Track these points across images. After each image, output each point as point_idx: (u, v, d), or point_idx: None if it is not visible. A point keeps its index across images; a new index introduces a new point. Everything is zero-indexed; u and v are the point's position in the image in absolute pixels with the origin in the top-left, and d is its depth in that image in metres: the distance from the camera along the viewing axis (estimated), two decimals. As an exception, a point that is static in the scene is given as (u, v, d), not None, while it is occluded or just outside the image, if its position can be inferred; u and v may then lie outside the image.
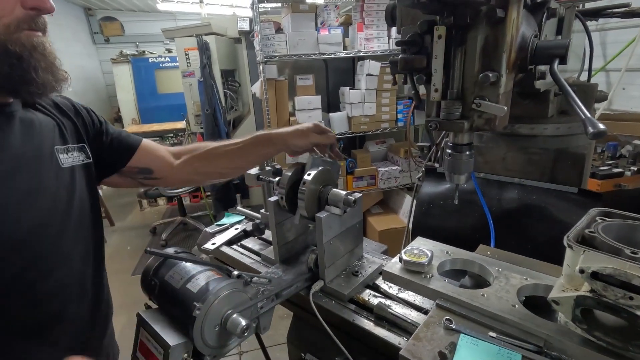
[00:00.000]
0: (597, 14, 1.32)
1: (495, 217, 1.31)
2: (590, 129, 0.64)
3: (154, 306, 0.94)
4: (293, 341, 1.10)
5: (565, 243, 0.59)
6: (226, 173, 1.29)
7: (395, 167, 3.51)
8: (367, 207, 3.79)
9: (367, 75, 3.17)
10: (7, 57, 0.72)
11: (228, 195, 4.17)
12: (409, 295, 0.97)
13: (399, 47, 0.89)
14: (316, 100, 3.24)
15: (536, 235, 1.31)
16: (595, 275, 0.53)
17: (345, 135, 3.41)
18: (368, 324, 0.90)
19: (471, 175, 1.36)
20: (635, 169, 2.29)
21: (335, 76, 3.86)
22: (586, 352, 0.59)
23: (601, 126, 0.64)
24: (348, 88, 3.32)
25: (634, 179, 2.26)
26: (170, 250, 1.00)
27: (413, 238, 1.06)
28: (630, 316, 0.50)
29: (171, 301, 0.90)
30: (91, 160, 1.00)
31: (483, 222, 1.32)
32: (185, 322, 0.81)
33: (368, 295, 1.00)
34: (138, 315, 0.90)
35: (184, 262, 0.94)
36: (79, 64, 6.86)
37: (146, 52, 6.88)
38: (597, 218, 0.65)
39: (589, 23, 1.36)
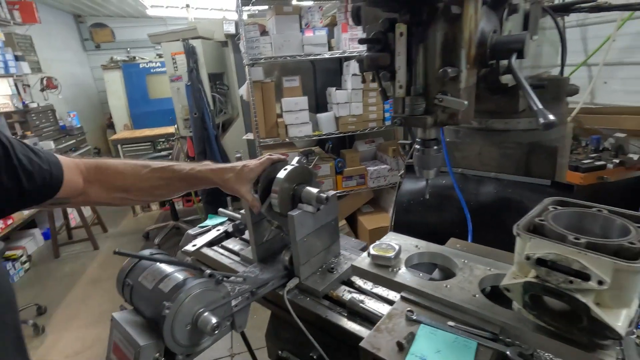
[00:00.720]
0: (567, 9, 1.34)
1: (473, 211, 1.33)
2: (541, 120, 0.66)
3: (130, 308, 0.95)
4: (270, 339, 1.11)
5: (514, 232, 0.60)
6: (142, 201, 1.18)
7: (384, 166, 3.53)
8: (358, 207, 3.80)
9: (353, 75, 3.19)
10: None
11: (219, 199, 4.16)
12: (382, 290, 0.98)
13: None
14: (303, 101, 3.26)
15: (513, 227, 1.34)
16: (540, 262, 0.54)
17: (333, 136, 3.42)
18: (341, 319, 0.92)
19: (448, 171, 1.38)
20: (617, 161, 2.32)
21: (323, 77, 3.88)
22: (538, 337, 0.61)
23: (551, 117, 0.65)
24: (334, 88, 3.34)
25: (617, 172, 2.29)
26: (146, 252, 1.01)
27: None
28: (571, 300, 0.51)
29: (144, 302, 0.91)
30: None
31: (462, 217, 1.34)
32: (156, 321, 0.82)
33: (343, 291, 1.01)
34: (112, 317, 0.90)
35: (158, 263, 0.95)
36: (69, 71, 6.86)
37: (137, 58, 6.88)
38: (550, 207, 0.66)
39: (570, 18, 1.38)
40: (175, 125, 4.62)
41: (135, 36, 7.75)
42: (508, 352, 0.60)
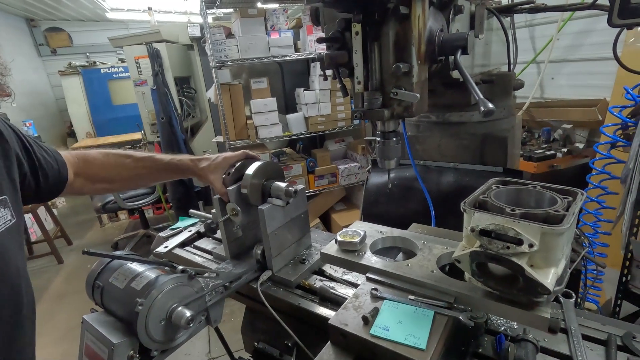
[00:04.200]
0: (509, 10, 1.46)
1: (435, 199, 1.41)
2: (482, 108, 0.73)
3: (101, 310, 0.95)
4: (246, 332, 1.13)
5: (461, 208, 0.67)
6: (123, 189, 1.25)
7: (355, 164, 3.62)
8: (331, 205, 3.87)
9: (320, 76, 3.25)
10: None
11: (190, 203, 4.11)
12: (352, 277, 1.04)
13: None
14: (272, 102, 3.28)
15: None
16: (483, 232, 0.61)
17: (303, 136, 3.47)
18: (313, 306, 0.96)
19: (411, 163, 1.46)
20: (566, 150, 2.51)
21: (291, 78, 3.93)
22: (487, 302, 0.68)
23: (490, 105, 0.73)
24: (303, 89, 3.39)
25: (565, 160, 2.49)
26: (116, 254, 1.01)
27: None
28: (509, 263, 0.58)
29: (116, 302, 0.91)
30: (15, 219, 0.83)
31: (425, 206, 1.42)
32: (129, 319, 0.83)
33: (314, 280, 1.06)
34: (83, 319, 0.90)
35: (128, 263, 0.96)
36: (23, 78, 6.49)
37: (97, 63, 6.62)
38: (493, 186, 0.74)
39: (519, 18, 1.49)
40: (142, 131, 4.50)
41: (94, 40, 7.46)
42: (461, 317, 0.66)
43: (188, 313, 0.84)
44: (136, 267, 0.93)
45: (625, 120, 1.65)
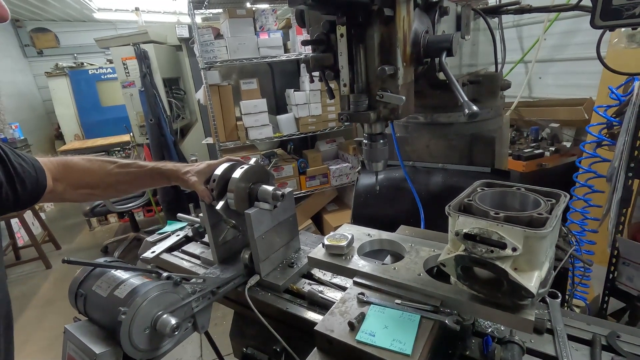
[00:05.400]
0: (495, 11, 1.47)
1: (424, 200, 1.41)
2: (467, 110, 0.73)
3: (84, 319, 0.93)
4: (235, 338, 1.12)
5: (446, 211, 0.67)
6: (107, 196, 1.22)
7: (346, 164, 3.62)
8: (323, 205, 3.86)
9: (308, 77, 3.24)
10: None
11: (180, 206, 4.06)
12: (340, 280, 1.03)
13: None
14: (262, 103, 3.27)
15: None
16: (467, 236, 0.61)
17: (294, 137, 3.46)
18: (301, 310, 0.95)
19: (400, 164, 1.46)
20: (554, 149, 2.54)
21: (281, 79, 3.91)
22: (473, 305, 0.68)
23: (475, 108, 0.73)
24: (293, 90, 3.38)
25: (553, 159, 2.52)
26: (100, 260, 0.99)
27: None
28: (493, 267, 0.58)
29: (99, 310, 0.89)
30: None
31: (415, 206, 1.42)
32: (113, 328, 0.81)
33: (303, 284, 1.05)
34: (65, 329, 0.88)
35: (112, 270, 0.94)
36: (9, 80, 6.37)
37: (85, 64, 6.52)
38: (478, 188, 0.74)
39: (506, 19, 1.49)
40: (131, 133, 4.44)
41: (81, 41, 7.34)
42: (447, 321, 0.66)
43: (173, 321, 0.82)
44: (120, 274, 0.92)
45: (610, 120, 1.67)
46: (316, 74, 1.05)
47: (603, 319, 1.84)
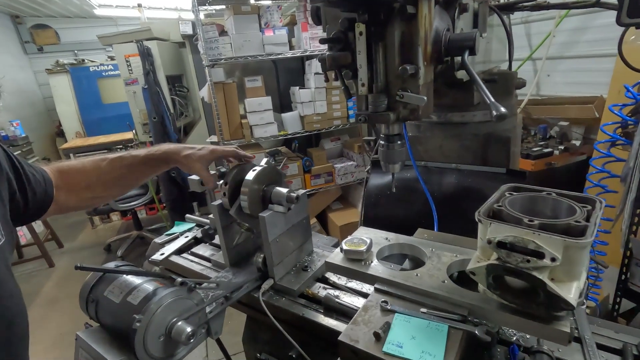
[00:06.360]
0: (511, 7, 1.43)
1: (438, 201, 1.38)
2: (494, 112, 0.70)
3: (96, 325, 0.91)
4: (248, 342, 1.10)
5: (476, 218, 0.64)
6: (110, 196, 1.18)
7: (351, 163, 3.59)
8: (327, 204, 3.84)
9: (315, 74, 3.21)
10: None
11: (184, 204, 4.04)
12: (356, 284, 1.01)
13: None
14: (266, 101, 3.23)
15: (475, 214, 1.41)
16: (500, 244, 0.58)
17: (299, 135, 3.43)
18: (317, 316, 0.93)
19: (412, 164, 1.44)
20: (563, 148, 2.51)
21: (286, 76, 3.87)
22: (503, 315, 0.65)
23: (502, 109, 0.70)
24: (298, 87, 3.35)
25: (562, 157, 2.49)
26: (110, 265, 0.97)
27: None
28: (529, 277, 0.56)
29: (112, 317, 0.87)
30: (4, 238, 0.79)
31: (427, 208, 1.39)
32: (127, 336, 0.79)
33: (318, 288, 1.02)
34: (77, 336, 0.86)
35: (124, 276, 0.91)
36: (10, 76, 6.32)
37: (86, 61, 6.47)
38: (506, 193, 0.71)
39: (514, 15, 1.46)
40: (134, 131, 4.41)
41: (82, 37, 7.29)
42: (476, 332, 0.64)
43: (189, 328, 0.80)
44: (132, 279, 0.89)
45: (625, 119, 1.64)
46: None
47: (613, 320, 1.82)
